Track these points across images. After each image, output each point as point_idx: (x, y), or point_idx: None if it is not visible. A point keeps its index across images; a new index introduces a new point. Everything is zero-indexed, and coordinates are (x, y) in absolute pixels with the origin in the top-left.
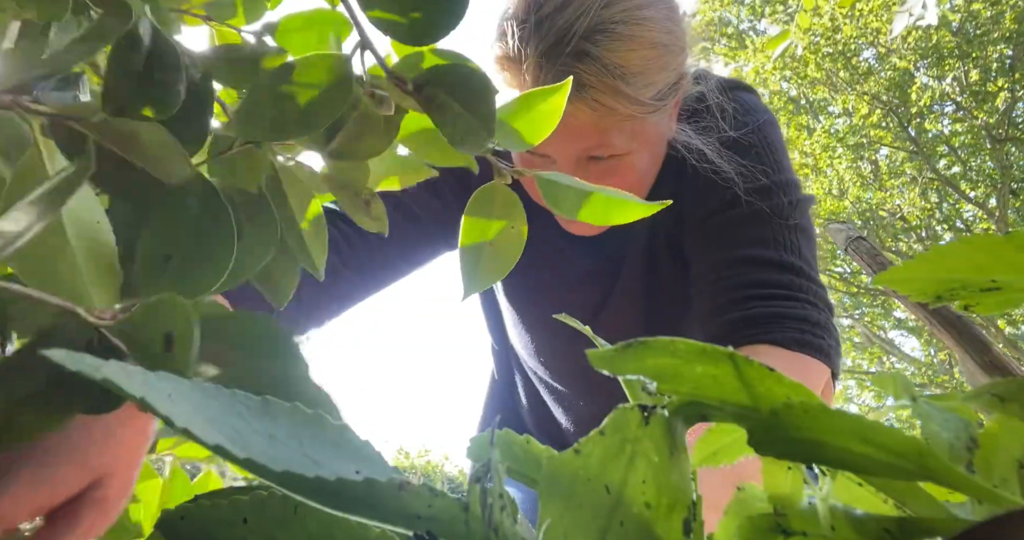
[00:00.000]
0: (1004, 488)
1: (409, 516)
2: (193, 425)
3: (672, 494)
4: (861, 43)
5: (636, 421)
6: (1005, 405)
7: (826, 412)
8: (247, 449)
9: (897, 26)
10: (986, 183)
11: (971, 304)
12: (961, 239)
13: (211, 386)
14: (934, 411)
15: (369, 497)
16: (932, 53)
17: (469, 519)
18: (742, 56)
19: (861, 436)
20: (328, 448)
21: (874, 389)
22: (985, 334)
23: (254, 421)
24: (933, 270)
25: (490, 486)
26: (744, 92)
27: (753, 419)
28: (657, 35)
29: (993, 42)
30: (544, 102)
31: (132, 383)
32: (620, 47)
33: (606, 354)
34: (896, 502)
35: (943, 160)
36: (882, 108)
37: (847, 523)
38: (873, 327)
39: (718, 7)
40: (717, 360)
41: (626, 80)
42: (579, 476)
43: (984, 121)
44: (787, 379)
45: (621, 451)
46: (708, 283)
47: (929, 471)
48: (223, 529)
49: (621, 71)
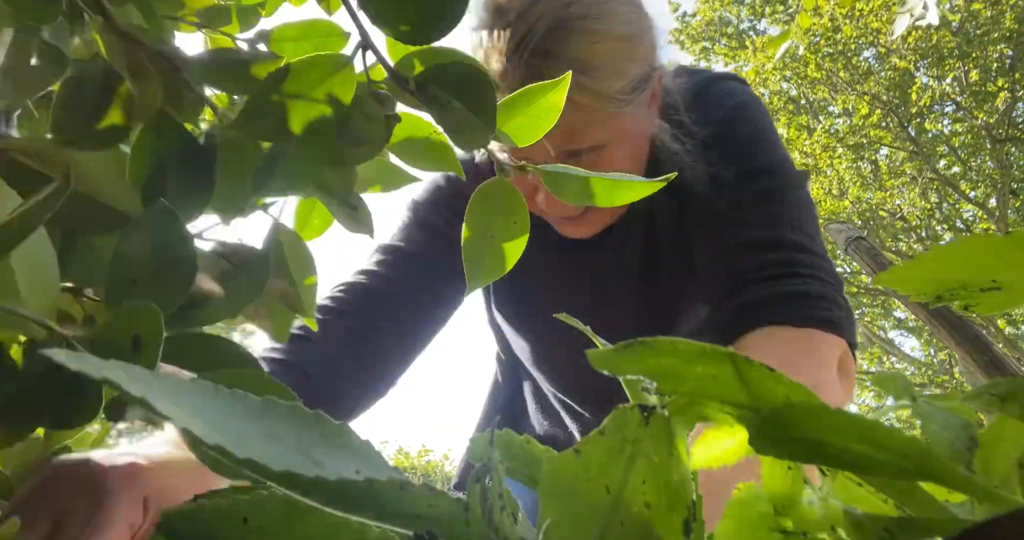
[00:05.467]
0: (1004, 488)
1: (409, 516)
2: (193, 425)
3: (672, 494)
4: (861, 43)
5: (636, 421)
6: (1005, 405)
7: (826, 412)
8: (247, 449)
9: (898, 27)
10: (986, 183)
11: (971, 304)
12: (961, 239)
13: (211, 386)
14: (934, 411)
15: (369, 497)
16: (932, 53)
17: (469, 519)
18: (742, 56)
19: (861, 436)
20: (328, 448)
21: (874, 389)
22: (985, 334)
23: (254, 421)
24: (933, 270)
25: (490, 486)
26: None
27: (753, 419)
28: (619, 27)
29: (993, 42)
30: (543, 98)
31: (132, 383)
32: (581, 42)
33: (606, 354)
34: (896, 502)
35: (943, 160)
36: (882, 108)
37: (847, 523)
38: (873, 327)
39: (718, 7)
40: (717, 360)
41: (589, 74)
42: (579, 476)
43: (984, 121)
44: (787, 379)
45: (621, 451)
46: (712, 272)
47: (929, 471)
48: (223, 529)
49: (583, 65)
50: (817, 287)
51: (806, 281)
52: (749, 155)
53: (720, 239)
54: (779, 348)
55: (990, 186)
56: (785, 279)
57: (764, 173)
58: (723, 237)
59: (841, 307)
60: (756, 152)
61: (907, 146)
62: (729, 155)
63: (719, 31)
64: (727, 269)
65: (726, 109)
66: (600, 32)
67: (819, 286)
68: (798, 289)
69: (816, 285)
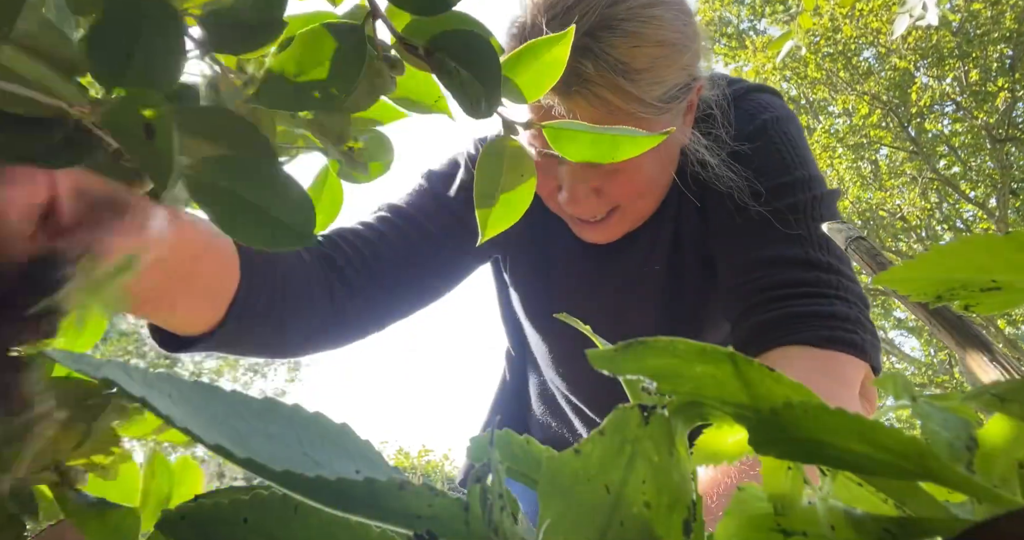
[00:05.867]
0: (1004, 488)
1: (409, 516)
2: (193, 425)
3: (672, 494)
4: (861, 43)
5: (636, 421)
6: (1005, 405)
7: (826, 412)
8: (247, 449)
9: (899, 27)
10: (986, 183)
11: (971, 304)
12: (961, 239)
13: (212, 386)
14: (934, 411)
15: (369, 497)
16: (932, 53)
17: (469, 519)
18: (742, 56)
19: (861, 436)
20: (328, 447)
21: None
22: (985, 334)
23: (254, 420)
24: (933, 270)
25: (490, 486)
26: (763, 93)
27: (753, 419)
28: (664, 34)
29: (993, 42)
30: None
31: (132, 383)
32: (624, 44)
33: (606, 354)
34: (896, 502)
35: (943, 160)
36: (882, 108)
37: (847, 523)
38: None
39: (718, 7)
40: (717, 360)
41: (628, 77)
42: (579, 476)
43: (984, 121)
44: (787, 379)
45: (621, 451)
46: (735, 287)
47: (929, 471)
48: (223, 529)
49: (623, 67)
50: (843, 308)
51: (831, 302)
52: (781, 169)
53: (746, 253)
54: (800, 368)
55: (990, 186)
56: (810, 299)
57: (795, 188)
58: (749, 251)
59: (866, 330)
60: (788, 166)
61: (907, 146)
62: (760, 168)
63: (719, 31)
64: (751, 284)
65: (759, 121)
66: (644, 36)
67: (845, 308)
68: (823, 310)
69: (842, 306)
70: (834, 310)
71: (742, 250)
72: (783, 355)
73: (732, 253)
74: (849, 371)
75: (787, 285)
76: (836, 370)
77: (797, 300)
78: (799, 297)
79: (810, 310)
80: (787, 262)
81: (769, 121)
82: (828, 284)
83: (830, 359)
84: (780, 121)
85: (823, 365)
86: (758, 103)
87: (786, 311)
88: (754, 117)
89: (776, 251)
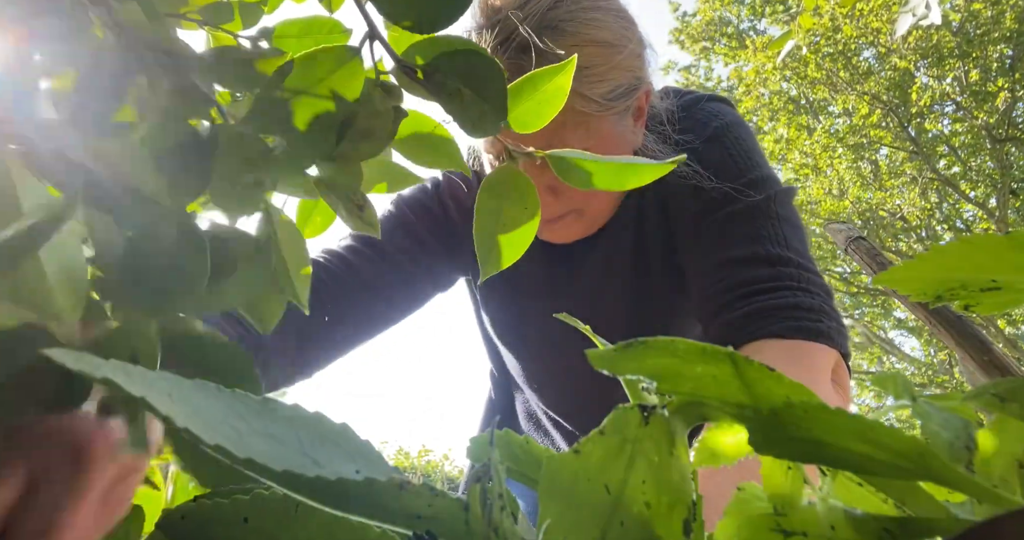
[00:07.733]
0: (1004, 488)
1: (409, 516)
2: (193, 425)
3: (672, 494)
4: (861, 43)
5: (636, 421)
6: (1005, 405)
7: (826, 412)
8: (247, 449)
9: (901, 27)
10: (986, 183)
11: (971, 304)
12: (961, 239)
13: (211, 386)
14: (934, 411)
15: (369, 497)
16: (932, 53)
17: (469, 519)
18: (742, 56)
19: (861, 436)
20: (328, 448)
21: (874, 389)
22: (985, 334)
23: (254, 421)
24: (933, 270)
25: (490, 486)
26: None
27: (753, 419)
28: (604, 33)
29: (993, 42)
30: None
31: (132, 383)
32: (564, 42)
33: (606, 354)
34: (896, 502)
35: (943, 160)
36: (882, 108)
37: (847, 523)
38: (873, 327)
39: (718, 7)
40: (717, 360)
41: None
42: (579, 476)
43: (984, 121)
44: (787, 379)
45: (621, 451)
46: (702, 289)
47: (929, 471)
48: (224, 528)
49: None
50: (806, 299)
51: (795, 294)
52: (735, 172)
53: (709, 255)
54: (771, 359)
55: (990, 186)
56: (773, 293)
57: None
58: (712, 254)
59: (831, 318)
60: (742, 169)
61: (907, 146)
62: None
63: (719, 31)
64: (717, 285)
65: (711, 129)
66: (583, 35)
67: (807, 298)
68: (787, 302)
69: (804, 297)
70: (798, 301)
71: (704, 253)
72: (755, 350)
73: (696, 256)
74: (819, 359)
75: (751, 282)
76: (805, 359)
77: (762, 296)
78: (763, 292)
79: (774, 303)
80: (749, 260)
81: (720, 128)
82: (790, 277)
83: (798, 348)
84: (731, 127)
85: (792, 355)
86: (709, 111)
87: (752, 307)
88: (706, 125)
89: (738, 251)
